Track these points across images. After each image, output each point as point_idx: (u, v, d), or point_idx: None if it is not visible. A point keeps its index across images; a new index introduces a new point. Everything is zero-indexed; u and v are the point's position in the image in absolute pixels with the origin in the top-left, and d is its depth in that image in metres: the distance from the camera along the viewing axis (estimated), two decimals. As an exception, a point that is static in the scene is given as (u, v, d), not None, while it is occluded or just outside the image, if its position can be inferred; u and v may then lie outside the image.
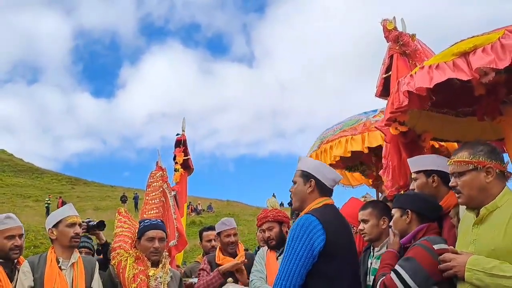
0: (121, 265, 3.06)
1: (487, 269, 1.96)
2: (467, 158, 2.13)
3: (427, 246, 2.29)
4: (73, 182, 49.32)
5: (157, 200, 3.87)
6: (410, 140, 3.21)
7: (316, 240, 2.41)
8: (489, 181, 2.09)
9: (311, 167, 2.73)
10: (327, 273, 2.43)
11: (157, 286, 3.02)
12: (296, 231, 2.46)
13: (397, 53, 3.36)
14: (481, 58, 2.18)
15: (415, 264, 2.22)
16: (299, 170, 2.75)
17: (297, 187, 2.71)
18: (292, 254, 2.42)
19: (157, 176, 4.03)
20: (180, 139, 5.17)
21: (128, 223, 3.39)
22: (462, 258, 2.07)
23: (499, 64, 2.12)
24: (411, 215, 2.53)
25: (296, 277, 2.38)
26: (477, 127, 3.18)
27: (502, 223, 2.01)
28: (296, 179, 2.73)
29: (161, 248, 3.15)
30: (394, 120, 2.92)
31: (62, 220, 3.09)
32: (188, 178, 5.26)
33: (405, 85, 2.56)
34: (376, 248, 2.97)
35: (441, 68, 2.34)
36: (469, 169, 2.12)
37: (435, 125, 3.26)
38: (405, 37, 3.34)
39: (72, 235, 3.06)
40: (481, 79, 2.21)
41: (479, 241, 2.09)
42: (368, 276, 2.90)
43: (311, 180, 2.68)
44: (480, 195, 2.11)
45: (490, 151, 2.12)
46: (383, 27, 3.44)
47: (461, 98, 2.89)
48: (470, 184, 2.12)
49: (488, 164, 2.08)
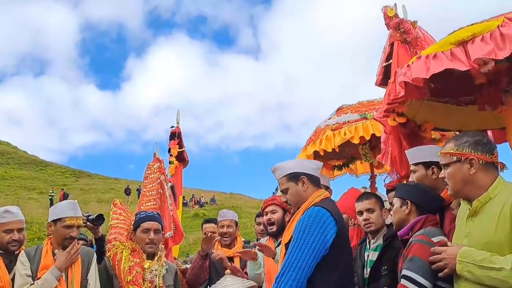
0: (116, 257, 3.04)
1: (477, 261, 1.93)
2: (452, 150, 2.12)
3: (425, 240, 2.25)
4: (77, 175, 49.62)
5: (155, 191, 3.85)
6: (410, 130, 3.16)
7: (328, 232, 2.41)
8: (473, 172, 2.06)
9: (294, 167, 2.70)
10: (337, 265, 2.42)
11: (152, 278, 3.00)
12: (308, 222, 2.42)
13: (398, 41, 3.29)
14: (480, 48, 2.12)
15: (420, 262, 2.18)
16: (283, 177, 2.69)
17: (291, 191, 2.66)
18: (304, 245, 2.37)
19: (155, 168, 4.01)
20: (175, 131, 5.14)
21: (123, 215, 3.37)
22: (453, 250, 2.04)
23: (498, 54, 2.07)
24: (411, 206, 2.50)
25: (307, 268, 2.35)
26: (479, 116, 3.11)
27: (494, 215, 1.97)
28: (287, 185, 2.68)
29: (157, 240, 3.12)
30: (393, 111, 2.86)
31: (61, 219, 3.05)
32: (183, 170, 5.25)
33: (402, 76, 2.50)
34: (372, 240, 2.95)
35: (439, 58, 2.28)
36: (453, 160, 2.11)
37: (436, 114, 3.20)
38: (406, 24, 3.28)
39: (67, 237, 3.02)
40: (480, 68, 2.16)
41: (473, 234, 2.05)
42: (366, 268, 2.87)
43: (302, 177, 2.65)
44: (466, 186, 2.09)
45: (475, 142, 2.08)
46: (383, 14, 3.38)
47: (461, 86, 2.83)
48: (454, 175, 2.11)
49: (471, 156, 2.06)
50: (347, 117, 4.43)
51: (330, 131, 4.38)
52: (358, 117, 4.36)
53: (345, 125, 4.34)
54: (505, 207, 1.95)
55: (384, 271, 2.68)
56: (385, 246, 2.75)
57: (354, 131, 4.23)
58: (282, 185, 2.71)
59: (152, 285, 2.98)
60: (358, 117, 4.36)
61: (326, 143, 4.37)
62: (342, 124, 4.37)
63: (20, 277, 2.87)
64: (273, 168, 2.78)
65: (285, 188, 2.69)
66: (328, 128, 4.45)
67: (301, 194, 2.64)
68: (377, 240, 2.89)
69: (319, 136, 4.50)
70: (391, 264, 2.61)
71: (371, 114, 4.29)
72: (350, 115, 4.45)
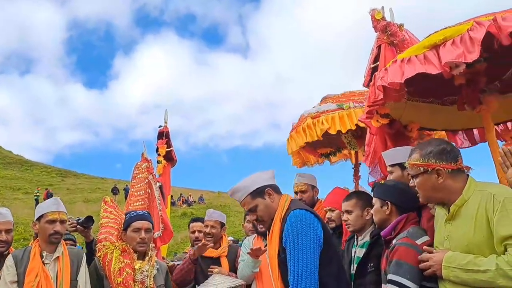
0: (106, 258, 3.02)
1: (462, 265, 1.98)
2: (418, 161, 2.17)
3: (410, 243, 2.29)
4: (63, 174, 49.05)
5: (143, 191, 3.84)
6: (396, 131, 3.21)
7: (318, 229, 2.48)
8: (441, 181, 2.12)
9: (254, 183, 2.70)
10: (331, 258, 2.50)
11: (143, 279, 2.99)
12: (297, 227, 2.45)
13: (385, 43, 3.35)
14: (450, 51, 2.20)
15: (406, 266, 2.22)
16: (248, 195, 2.68)
17: (261, 207, 2.67)
18: (304, 249, 2.41)
19: (143, 168, 4.00)
20: (163, 130, 5.14)
21: (114, 213, 3.34)
22: (438, 256, 2.09)
23: (467, 58, 2.13)
24: (391, 207, 2.54)
25: (315, 270, 2.39)
26: (464, 115, 3.18)
27: (471, 217, 2.03)
28: (254, 203, 2.67)
29: (148, 239, 3.11)
30: (376, 113, 2.92)
31: (43, 215, 3.04)
32: (171, 169, 5.24)
33: (380, 80, 2.58)
34: (360, 236, 2.98)
35: (412, 62, 2.36)
36: (420, 172, 2.17)
37: (422, 114, 3.25)
38: (393, 27, 3.33)
39: (51, 232, 3.00)
40: (452, 71, 2.23)
41: (453, 237, 2.10)
42: (352, 265, 2.91)
43: (266, 189, 2.68)
44: (437, 193, 2.16)
45: (440, 152, 2.13)
46: (371, 17, 3.43)
47: (444, 87, 2.89)
48: (423, 185, 2.17)
49: (438, 166, 2.11)
50: (326, 106, 4.52)
51: (310, 119, 4.47)
52: (335, 107, 4.44)
53: (323, 114, 4.41)
54: (480, 209, 2.00)
55: (370, 267, 2.71)
56: (371, 243, 2.79)
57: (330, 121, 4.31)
58: (248, 204, 2.69)
59: (143, 286, 2.97)
60: (335, 107, 4.44)
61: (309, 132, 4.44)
62: (320, 113, 4.45)
63: (4, 284, 2.85)
64: (231, 191, 2.75)
65: (253, 206, 2.68)
66: (309, 116, 4.52)
67: (271, 206, 2.66)
68: (364, 237, 2.93)
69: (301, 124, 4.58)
70: (377, 261, 2.65)
71: (347, 105, 4.37)
72: (329, 104, 4.54)
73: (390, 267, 2.29)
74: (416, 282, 2.19)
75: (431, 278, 2.17)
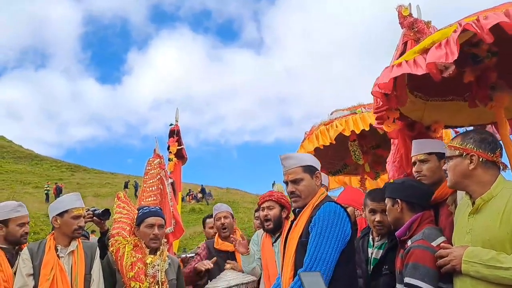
0: (119, 252, 3.05)
1: (484, 260, 1.97)
2: (457, 144, 2.20)
3: (425, 245, 2.27)
4: (73, 169, 49.44)
5: (155, 187, 3.88)
6: (418, 132, 3.20)
7: (347, 227, 2.47)
8: (472, 168, 2.12)
9: (310, 161, 2.69)
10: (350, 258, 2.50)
11: (154, 273, 3.01)
12: (329, 217, 2.44)
13: (411, 40, 3.32)
14: (433, 54, 2.24)
15: (423, 268, 2.20)
16: (299, 167, 2.62)
17: (305, 183, 2.61)
18: (329, 239, 2.39)
19: (155, 164, 4.03)
20: (174, 129, 5.23)
21: (127, 209, 3.37)
22: (458, 250, 2.08)
23: (449, 58, 2.15)
24: (401, 204, 2.51)
25: (333, 262, 2.37)
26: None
27: (498, 212, 2.02)
28: (302, 175, 2.61)
29: (161, 235, 3.15)
30: (388, 118, 2.92)
31: (68, 210, 3.10)
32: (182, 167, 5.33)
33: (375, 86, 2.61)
34: (377, 238, 2.91)
35: (402, 66, 2.40)
36: (455, 154, 2.19)
37: (445, 113, 3.22)
38: (420, 24, 3.31)
39: (76, 228, 3.09)
40: (444, 73, 2.25)
41: (475, 231, 2.09)
42: (369, 265, 2.86)
43: (317, 172, 2.66)
44: (464, 180, 2.17)
45: (480, 140, 2.15)
46: (398, 13, 3.42)
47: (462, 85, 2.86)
48: (454, 168, 2.20)
49: (472, 152, 2.13)
50: (338, 114, 4.90)
51: (323, 126, 4.77)
52: (348, 113, 4.82)
53: (336, 120, 4.77)
54: (509, 204, 1.99)
55: (385, 270, 2.68)
56: (389, 246, 2.74)
57: (344, 124, 4.66)
58: (295, 174, 2.62)
59: (154, 280, 2.99)
60: (348, 113, 4.82)
61: (322, 138, 4.56)
62: (334, 120, 4.81)
63: (20, 277, 2.90)
64: (285, 156, 2.68)
65: (299, 178, 2.61)
66: (321, 124, 4.84)
67: (313, 188, 2.62)
68: (382, 238, 2.86)
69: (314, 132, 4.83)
70: (392, 265, 2.60)
71: (359, 110, 4.73)
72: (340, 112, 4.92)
73: (407, 271, 2.27)
74: (434, 285, 2.18)
75: (446, 279, 2.16)
